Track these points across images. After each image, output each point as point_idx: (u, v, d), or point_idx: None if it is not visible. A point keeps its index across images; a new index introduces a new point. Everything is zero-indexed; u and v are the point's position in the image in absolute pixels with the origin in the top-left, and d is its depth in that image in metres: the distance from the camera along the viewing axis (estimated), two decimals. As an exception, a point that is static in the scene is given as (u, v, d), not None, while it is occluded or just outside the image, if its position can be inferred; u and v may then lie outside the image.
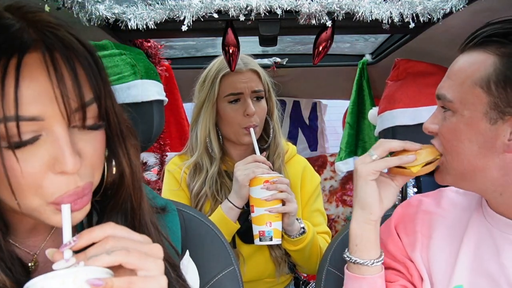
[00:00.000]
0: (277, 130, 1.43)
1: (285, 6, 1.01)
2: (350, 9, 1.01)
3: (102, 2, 0.99)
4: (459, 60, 0.76)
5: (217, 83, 1.31)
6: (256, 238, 1.17)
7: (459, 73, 0.74)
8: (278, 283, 1.41)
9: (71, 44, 0.53)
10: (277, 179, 1.16)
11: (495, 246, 0.78)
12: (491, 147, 0.72)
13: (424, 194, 0.95)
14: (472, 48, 0.74)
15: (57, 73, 0.50)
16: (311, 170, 1.48)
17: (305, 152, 2.60)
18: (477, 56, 0.72)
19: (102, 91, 0.56)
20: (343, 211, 2.39)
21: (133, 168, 0.65)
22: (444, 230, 0.85)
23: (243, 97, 1.32)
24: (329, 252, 1.05)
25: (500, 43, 0.70)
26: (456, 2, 0.95)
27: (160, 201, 0.82)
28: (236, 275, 1.02)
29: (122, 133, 0.63)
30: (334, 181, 2.48)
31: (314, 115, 2.65)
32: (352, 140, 2.05)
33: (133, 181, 0.65)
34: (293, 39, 1.87)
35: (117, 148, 0.63)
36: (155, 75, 1.16)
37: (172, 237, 0.76)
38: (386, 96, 1.39)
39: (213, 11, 1.00)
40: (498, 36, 0.71)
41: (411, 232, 0.88)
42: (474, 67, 0.72)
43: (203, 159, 1.35)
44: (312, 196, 1.43)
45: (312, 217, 1.41)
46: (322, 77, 2.20)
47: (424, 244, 0.85)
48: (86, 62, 0.54)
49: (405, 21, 1.02)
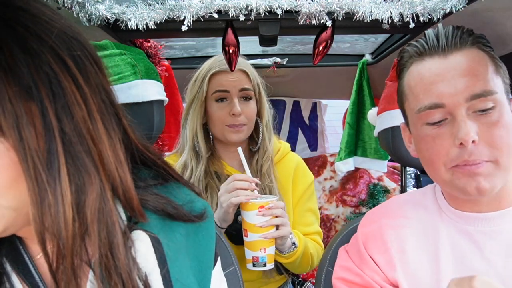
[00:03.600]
0: (266, 134, 1.39)
1: (285, 6, 1.01)
2: (350, 9, 1.00)
3: (102, 2, 0.99)
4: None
5: (206, 81, 1.31)
6: (249, 263, 1.14)
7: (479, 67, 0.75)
8: (275, 280, 1.42)
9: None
10: (273, 204, 1.13)
11: (473, 242, 0.78)
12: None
13: (377, 208, 0.95)
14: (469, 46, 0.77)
15: None
16: (304, 169, 1.46)
17: (305, 152, 2.60)
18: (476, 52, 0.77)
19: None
20: (343, 211, 2.39)
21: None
22: (415, 241, 0.83)
23: (230, 96, 1.32)
24: (328, 252, 1.05)
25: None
26: (456, 2, 0.95)
27: (198, 205, 0.68)
28: (236, 275, 1.02)
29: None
30: (334, 181, 2.48)
31: (314, 115, 2.65)
32: (352, 140, 2.05)
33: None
34: (293, 39, 1.87)
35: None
36: (155, 75, 1.16)
37: (204, 250, 0.65)
38: (385, 97, 1.39)
39: (213, 11, 1.00)
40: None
41: (383, 250, 0.85)
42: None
43: (189, 159, 1.35)
44: (304, 195, 1.41)
45: (304, 216, 1.39)
46: (322, 77, 2.20)
47: (403, 260, 0.82)
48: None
49: (405, 21, 1.02)
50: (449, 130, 0.74)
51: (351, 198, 2.38)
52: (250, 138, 1.42)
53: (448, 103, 0.74)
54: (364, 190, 2.37)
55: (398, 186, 2.30)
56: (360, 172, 2.39)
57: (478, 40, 0.78)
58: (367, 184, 2.38)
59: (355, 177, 2.41)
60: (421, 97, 0.77)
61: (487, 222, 0.78)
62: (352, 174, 2.42)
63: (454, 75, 0.74)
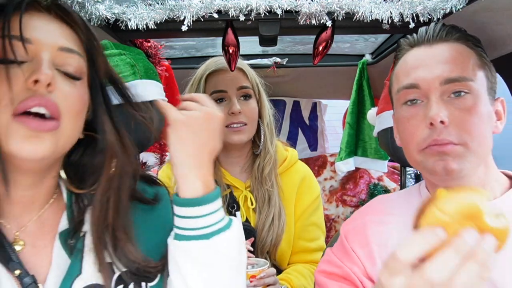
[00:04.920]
0: (268, 136, 1.38)
1: (285, 6, 1.01)
2: (350, 9, 1.00)
3: (102, 2, 0.99)
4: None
5: (202, 83, 1.31)
6: None
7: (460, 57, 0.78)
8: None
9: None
10: (264, 273, 1.12)
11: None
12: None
13: (362, 207, 0.97)
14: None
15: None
16: (311, 182, 1.43)
17: (305, 152, 2.60)
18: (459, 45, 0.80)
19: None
20: (343, 211, 2.39)
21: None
22: (398, 237, 0.84)
23: (228, 96, 1.30)
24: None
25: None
26: (456, 2, 0.95)
27: (150, 191, 0.83)
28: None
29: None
30: (334, 181, 2.48)
31: (314, 115, 2.65)
32: (352, 140, 2.05)
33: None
34: (293, 39, 1.87)
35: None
36: (154, 75, 1.16)
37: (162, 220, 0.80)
38: (384, 97, 1.39)
39: (213, 11, 1.00)
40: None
41: (365, 244, 0.87)
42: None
43: None
44: (308, 209, 1.38)
45: (306, 231, 1.37)
46: (322, 77, 2.20)
47: (384, 255, 0.82)
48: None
49: (405, 21, 1.02)
50: (422, 112, 0.77)
51: (351, 198, 2.38)
52: (253, 142, 1.41)
53: (423, 85, 0.77)
54: (364, 190, 2.37)
55: (398, 186, 2.30)
56: (360, 172, 2.39)
57: (467, 38, 0.81)
58: (367, 184, 2.38)
59: (355, 177, 2.41)
60: (401, 79, 0.82)
61: None
62: (352, 174, 2.42)
63: (434, 61, 0.78)
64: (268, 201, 1.32)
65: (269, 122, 1.41)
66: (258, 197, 1.34)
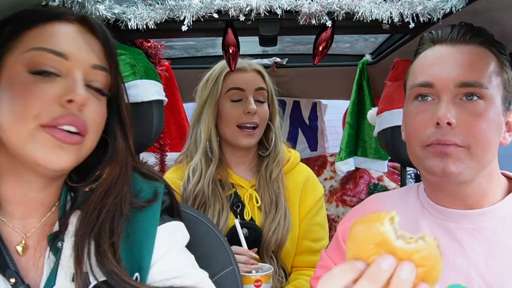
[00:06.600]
0: (278, 137, 1.39)
1: (285, 6, 1.01)
2: (350, 9, 1.00)
3: (102, 2, 0.99)
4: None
5: (220, 80, 1.30)
6: None
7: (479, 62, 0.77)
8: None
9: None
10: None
11: (454, 239, 0.78)
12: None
13: (357, 206, 0.97)
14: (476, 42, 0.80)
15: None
16: (314, 182, 1.43)
17: (305, 152, 2.59)
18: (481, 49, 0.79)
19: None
20: (343, 211, 2.38)
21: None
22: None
23: (245, 95, 1.30)
24: (328, 252, 1.05)
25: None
26: (456, 2, 0.95)
27: (147, 189, 0.80)
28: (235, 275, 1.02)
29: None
30: (334, 181, 2.48)
31: (314, 115, 2.65)
32: (352, 140, 2.05)
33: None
34: (293, 39, 1.87)
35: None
36: (154, 75, 1.16)
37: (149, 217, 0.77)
38: (385, 97, 1.39)
39: (213, 11, 1.00)
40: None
41: None
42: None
43: (199, 162, 1.32)
44: (312, 209, 1.39)
45: (311, 231, 1.38)
46: (322, 77, 2.20)
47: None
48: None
49: (405, 21, 1.02)
50: (431, 110, 0.77)
51: (351, 198, 2.38)
52: (259, 143, 1.40)
53: (438, 84, 0.77)
54: (364, 190, 2.37)
55: (398, 186, 2.30)
56: (360, 172, 2.39)
57: (492, 43, 0.80)
58: (367, 184, 2.38)
59: (355, 177, 2.41)
60: (417, 75, 0.82)
61: (468, 219, 0.78)
62: (352, 174, 2.42)
63: (453, 62, 0.77)
64: (275, 204, 1.32)
65: (279, 126, 1.42)
66: (264, 196, 1.34)
